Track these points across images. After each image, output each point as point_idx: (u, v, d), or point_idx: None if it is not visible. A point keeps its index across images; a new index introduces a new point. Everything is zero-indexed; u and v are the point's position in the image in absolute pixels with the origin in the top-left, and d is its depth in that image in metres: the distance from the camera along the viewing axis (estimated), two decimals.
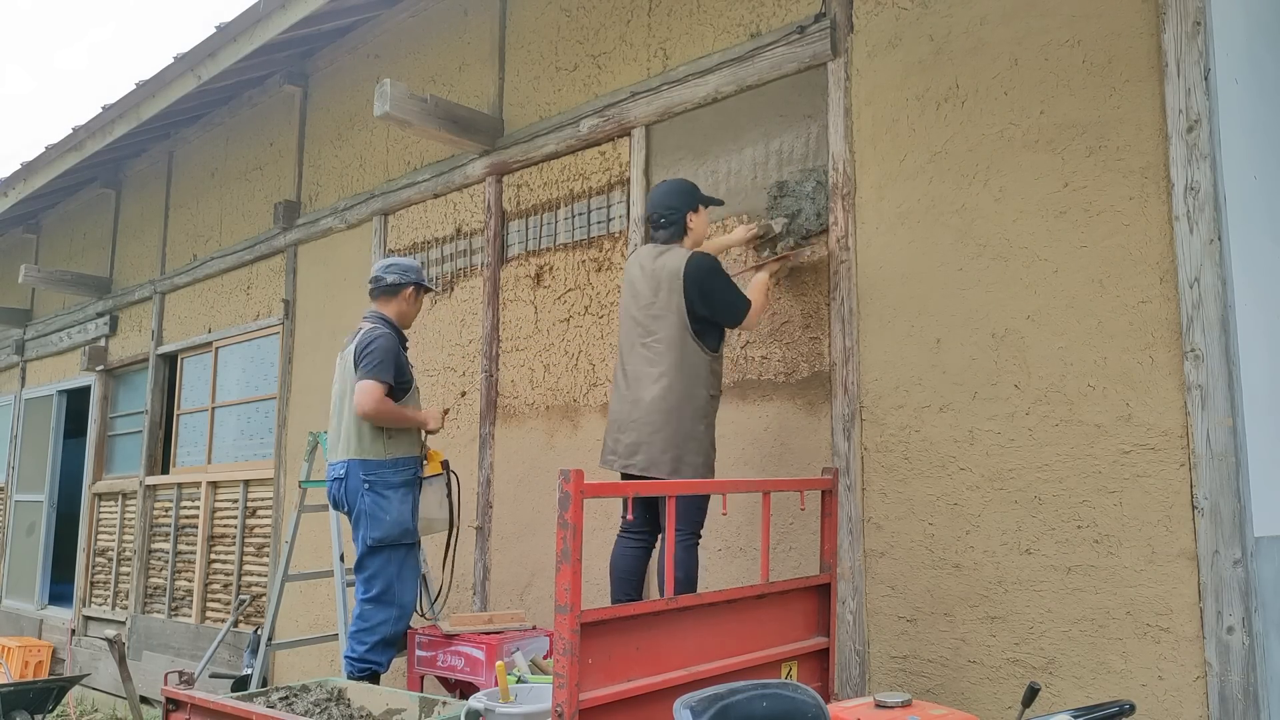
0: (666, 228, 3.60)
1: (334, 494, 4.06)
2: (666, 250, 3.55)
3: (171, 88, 6.24)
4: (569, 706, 2.41)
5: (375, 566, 3.94)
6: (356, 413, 3.91)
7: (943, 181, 3.43)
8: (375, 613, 3.94)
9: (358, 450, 3.95)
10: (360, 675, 3.90)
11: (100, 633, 7.38)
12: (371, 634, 3.92)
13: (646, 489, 3.05)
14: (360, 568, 3.98)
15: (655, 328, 3.47)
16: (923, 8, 3.55)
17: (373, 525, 3.90)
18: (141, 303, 8.30)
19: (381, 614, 3.94)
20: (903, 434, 3.45)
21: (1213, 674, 2.73)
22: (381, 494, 3.92)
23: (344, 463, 3.98)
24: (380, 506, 3.91)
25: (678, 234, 3.61)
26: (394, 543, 3.95)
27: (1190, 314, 2.84)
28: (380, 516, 3.90)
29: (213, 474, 7.17)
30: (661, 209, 3.61)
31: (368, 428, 3.95)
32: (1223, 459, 2.75)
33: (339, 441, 4.05)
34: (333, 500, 4.10)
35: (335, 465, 4.04)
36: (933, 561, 3.33)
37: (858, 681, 3.46)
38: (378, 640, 3.93)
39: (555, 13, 5.01)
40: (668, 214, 3.60)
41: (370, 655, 3.92)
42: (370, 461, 3.93)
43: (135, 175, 8.71)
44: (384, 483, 3.93)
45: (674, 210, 3.60)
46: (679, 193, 3.63)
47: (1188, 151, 2.88)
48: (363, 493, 3.91)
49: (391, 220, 5.84)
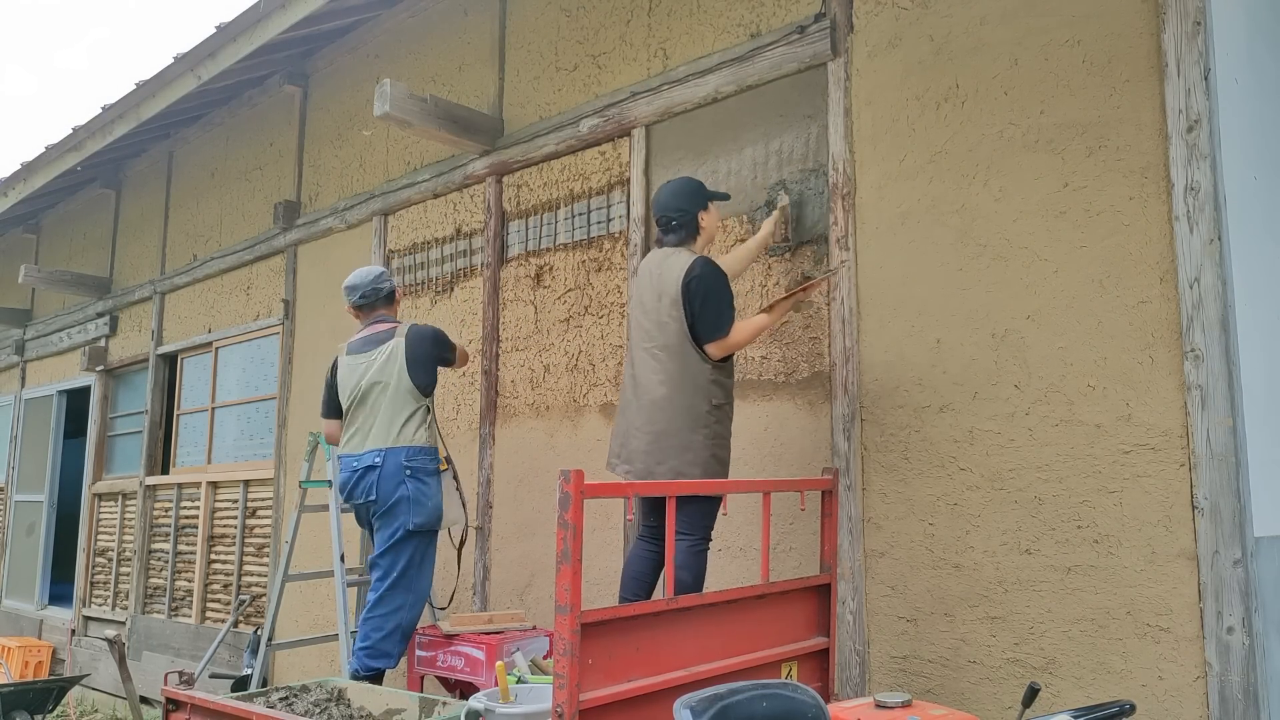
0: (677, 230, 3.53)
1: (356, 485, 4.08)
2: (674, 254, 3.50)
3: (171, 88, 6.23)
4: (569, 707, 2.41)
5: (407, 552, 4.00)
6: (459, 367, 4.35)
7: (943, 181, 3.43)
8: (395, 597, 3.97)
9: (396, 439, 4.05)
10: (372, 669, 3.91)
11: (100, 633, 7.38)
12: (390, 618, 3.95)
13: (647, 489, 3.05)
14: (386, 554, 4.00)
15: (659, 334, 3.44)
16: (923, 8, 3.55)
17: (416, 510, 4.00)
18: (141, 303, 8.30)
19: (401, 599, 3.98)
20: (903, 434, 3.45)
21: (1213, 674, 2.73)
22: (423, 480, 4.05)
23: (377, 451, 4.04)
24: (423, 493, 4.03)
25: (690, 235, 3.53)
26: (430, 529, 4.06)
27: (1190, 314, 2.84)
28: (424, 502, 4.02)
29: (213, 474, 7.17)
30: (672, 211, 3.53)
31: (413, 418, 4.08)
32: (1223, 459, 2.75)
33: (365, 433, 4.11)
34: (349, 492, 4.11)
35: (361, 456, 4.08)
36: (933, 561, 3.33)
37: (858, 681, 3.46)
38: (395, 627, 3.96)
39: (555, 13, 5.01)
40: (679, 215, 3.52)
41: (385, 644, 3.93)
42: (412, 449, 4.05)
43: (135, 175, 8.71)
44: (425, 470, 4.07)
45: (684, 212, 3.52)
46: (687, 193, 3.56)
47: (1188, 151, 2.88)
48: (404, 480, 4.01)
49: (391, 220, 5.84)
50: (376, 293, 4.32)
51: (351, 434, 4.18)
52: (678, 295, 3.37)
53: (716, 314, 3.35)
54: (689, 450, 3.34)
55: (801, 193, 3.86)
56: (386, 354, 4.14)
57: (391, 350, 4.14)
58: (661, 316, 3.44)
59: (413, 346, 4.14)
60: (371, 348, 4.19)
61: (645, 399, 3.44)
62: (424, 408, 4.15)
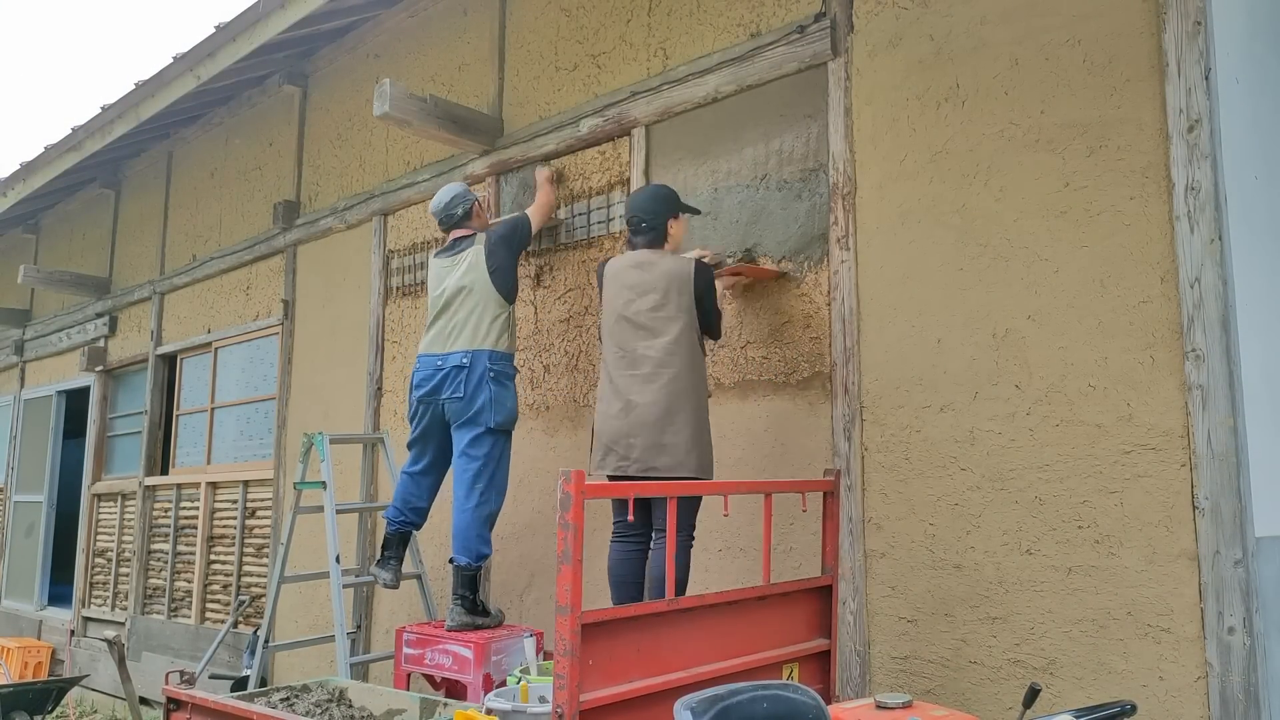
0: (646, 232, 3.69)
1: (443, 382, 4.23)
2: (658, 254, 3.64)
3: (171, 88, 6.23)
4: (569, 707, 2.40)
5: (494, 449, 4.21)
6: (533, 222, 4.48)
7: (943, 181, 3.43)
8: (481, 491, 4.16)
9: (482, 341, 4.24)
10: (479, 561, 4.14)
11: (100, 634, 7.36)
12: (480, 509, 4.16)
13: (648, 489, 3.04)
14: (473, 452, 4.18)
15: (666, 329, 3.50)
16: (923, 7, 3.55)
17: (498, 410, 4.19)
18: (141, 303, 8.29)
19: (486, 493, 4.18)
20: (903, 434, 3.45)
21: (1214, 674, 2.73)
22: (504, 384, 4.25)
23: (465, 352, 4.22)
24: (504, 394, 4.24)
25: (658, 239, 3.70)
26: (510, 429, 4.29)
27: (1191, 314, 2.84)
28: (505, 403, 4.22)
29: (212, 474, 7.16)
30: (644, 213, 3.70)
31: (496, 323, 4.27)
32: (1224, 459, 2.75)
33: (451, 335, 4.30)
34: (434, 388, 4.26)
35: (447, 356, 4.26)
36: (933, 562, 3.33)
37: (858, 682, 3.46)
38: (486, 517, 4.19)
39: (555, 12, 5.00)
40: (649, 218, 3.68)
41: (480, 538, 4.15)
42: (496, 353, 4.25)
43: (134, 175, 8.71)
44: (505, 374, 4.27)
45: (655, 215, 3.69)
46: (660, 199, 3.74)
47: (1188, 151, 2.88)
48: (488, 381, 4.19)
49: (391, 220, 5.84)
50: (450, 217, 4.51)
51: (435, 334, 4.36)
52: (689, 290, 3.54)
53: (718, 311, 3.71)
54: (706, 434, 3.54)
55: None
56: (468, 261, 4.34)
57: (473, 258, 4.33)
58: (669, 311, 3.52)
59: (491, 255, 4.32)
60: (454, 253, 4.43)
61: (647, 396, 3.46)
62: (507, 314, 4.32)
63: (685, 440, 3.43)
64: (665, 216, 3.70)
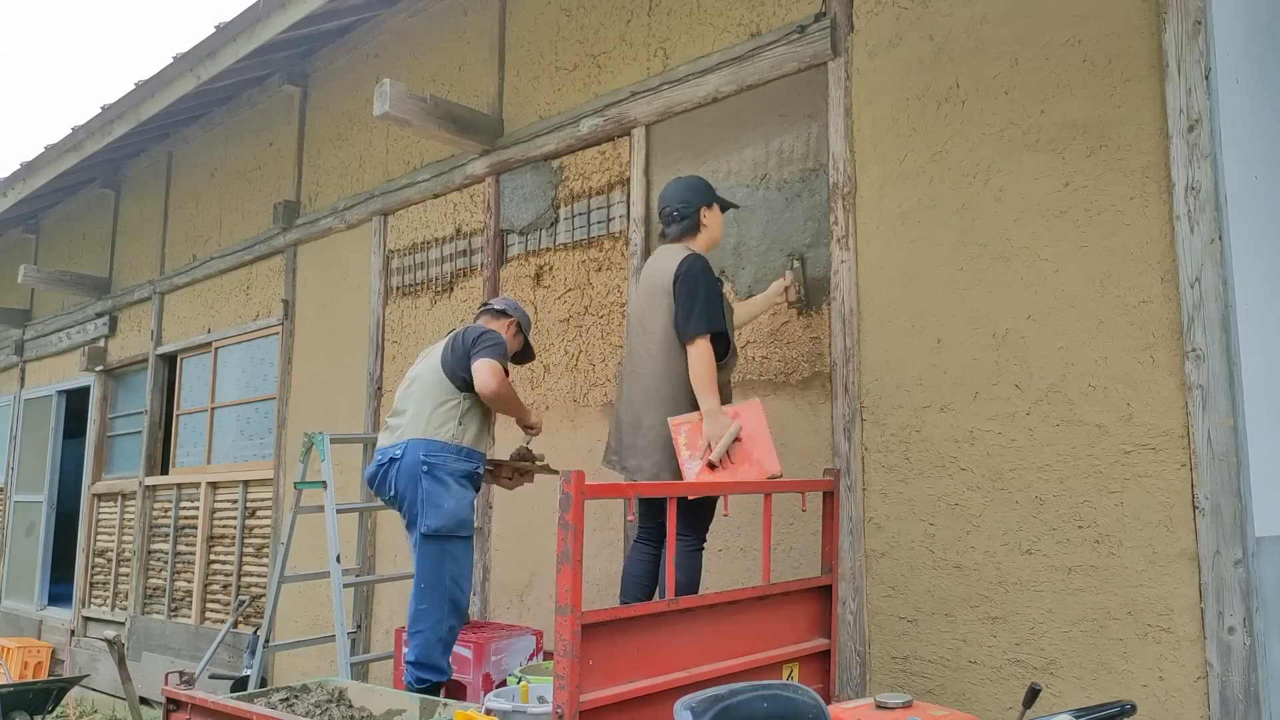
0: (679, 222, 3.48)
1: (379, 478, 3.80)
2: (671, 249, 3.48)
3: (171, 88, 6.23)
4: (569, 708, 2.40)
5: (430, 558, 3.67)
6: (480, 390, 3.70)
7: (943, 181, 3.43)
8: (429, 609, 3.67)
9: (423, 430, 3.72)
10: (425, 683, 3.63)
11: (100, 633, 7.37)
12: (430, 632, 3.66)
13: (648, 490, 3.04)
14: (418, 560, 3.72)
15: (652, 328, 3.43)
16: (923, 7, 3.55)
17: (431, 512, 3.65)
18: (141, 303, 8.29)
19: (435, 611, 3.66)
20: (903, 434, 3.45)
21: (1214, 674, 2.73)
22: (440, 480, 3.67)
23: (401, 444, 3.74)
24: (439, 493, 3.66)
25: (690, 229, 3.48)
26: (455, 534, 3.69)
27: (1191, 314, 2.84)
28: (439, 504, 3.65)
29: (212, 474, 7.16)
30: (675, 203, 3.49)
31: (440, 410, 3.75)
32: (1224, 459, 2.75)
33: (400, 426, 3.83)
34: (376, 487, 3.83)
35: (388, 449, 3.79)
36: (933, 562, 3.33)
37: (858, 682, 3.46)
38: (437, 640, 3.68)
39: (555, 12, 5.01)
40: (681, 207, 3.47)
41: (426, 658, 3.65)
42: (435, 443, 3.70)
43: (135, 175, 8.71)
44: (443, 467, 3.69)
45: (687, 204, 3.47)
46: (693, 188, 3.52)
47: (1188, 151, 2.88)
48: (421, 476, 3.66)
49: (391, 220, 5.84)
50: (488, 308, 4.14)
51: (392, 427, 3.89)
52: (669, 289, 3.34)
53: (692, 307, 3.29)
54: (670, 446, 3.29)
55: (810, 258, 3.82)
56: (439, 349, 3.92)
57: (442, 345, 3.92)
58: (654, 310, 3.42)
59: (456, 340, 3.87)
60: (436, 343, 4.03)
61: (635, 394, 3.44)
62: (456, 400, 3.77)
63: (648, 444, 3.34)
64: (697, 204, 3.47)
